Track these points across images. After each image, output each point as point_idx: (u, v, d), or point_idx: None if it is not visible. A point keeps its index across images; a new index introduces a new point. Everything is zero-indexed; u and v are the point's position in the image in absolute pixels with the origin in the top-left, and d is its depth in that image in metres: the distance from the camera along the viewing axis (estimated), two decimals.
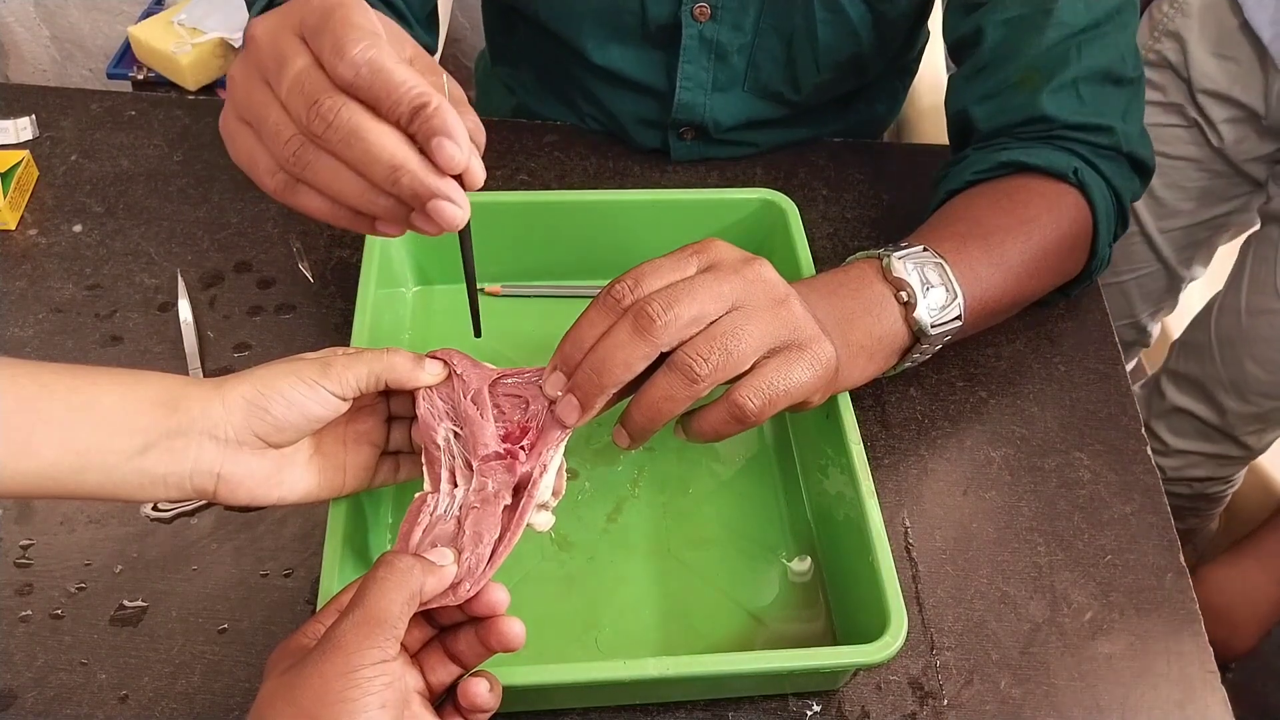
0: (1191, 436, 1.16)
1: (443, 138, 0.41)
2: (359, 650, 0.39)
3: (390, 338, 0.67)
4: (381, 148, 0.41)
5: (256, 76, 0.43)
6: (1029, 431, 0.69)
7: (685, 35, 0.76)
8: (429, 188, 0.42)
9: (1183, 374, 1.13)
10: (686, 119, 0.82)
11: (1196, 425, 1.14)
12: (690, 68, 0.78)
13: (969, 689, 0.57)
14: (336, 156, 0.42)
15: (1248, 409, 1.08)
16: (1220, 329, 1.07)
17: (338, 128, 0.41)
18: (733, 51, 0.77)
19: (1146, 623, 0.61)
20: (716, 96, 0.80)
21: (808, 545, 0.61)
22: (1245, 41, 0.98)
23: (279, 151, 0.43)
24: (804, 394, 0.51)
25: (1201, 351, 1.10)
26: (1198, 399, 1.12)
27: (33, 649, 0.55)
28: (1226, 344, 1.07)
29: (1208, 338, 1.09)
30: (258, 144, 0.44)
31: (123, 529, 0.60)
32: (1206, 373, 1.10)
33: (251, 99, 0.43)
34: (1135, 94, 0.70)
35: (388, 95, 0.41)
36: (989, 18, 0.69)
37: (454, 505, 0.49)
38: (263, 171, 0.45)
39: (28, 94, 0.85)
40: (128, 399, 0.44)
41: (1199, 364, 1.11)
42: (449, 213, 0.43)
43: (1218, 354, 1.08)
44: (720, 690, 0.56)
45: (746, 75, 0.79)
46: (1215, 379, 1.09)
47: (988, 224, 0.64)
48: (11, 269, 0.72)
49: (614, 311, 0.49)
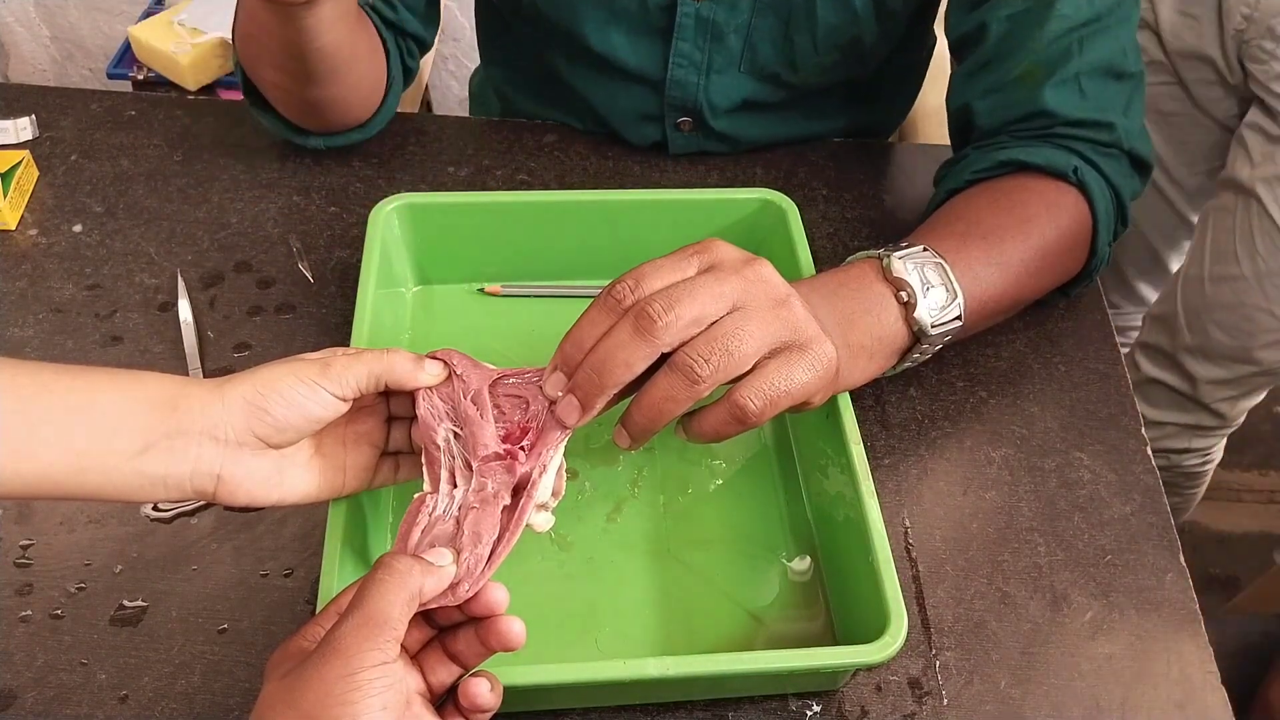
0: (1166, 407, 1.18)
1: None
2: (359, 653, 0.39)
3: (390, 338, 0.67)
4: None
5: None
6: (1029, 431, 0.69)
7: (680, 14, 0.76)
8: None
9: (1153, 345, 1.15)
10: (680, 101, 0.81)
11: (1170, 395, 1.16)
12: (685, 46, 0.78)
13: (969, 689, 0.57)
14: None
15: (1216, 374, 1.10)
16: (1186, 298, 1.09)
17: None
18: (729, 32, 0.77)
19: (1146, 623, 0.61)
20: (713, 79, 0.80)
21: (808, 545, 0.61)
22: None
23: None
24: (805, 394, 0.51)
25: (1169, 322, 1.12)
26: (1168, 369, 1.14)
27: (33, 649, 0.55)
28: (1192, 313, 1.08)
29: (1174, 308, 1.10)
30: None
31: (123, 529, 0.60)
32: (1175, 343, 1.12)
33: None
34: (1136, 89, 0.70)
35: None
36: (992, 13, 0.69)
37: (453, 505, 0.49)
38: None
39: (28, 94, 0.85)
40: (127, 399, 0.44)
41: (1168, 335, 1.12)
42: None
43: (1184, 323, 1.10)
44: (720, 690, 0.56)
45: (743, 55, 0.79)
46: (1184, 347, 1.11)
47: (987, 223, 0.64)
48: (11, 269, 0.72)
49: (615, 312, 0.49)
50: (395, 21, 0.78)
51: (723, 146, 0.85)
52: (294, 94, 0.74)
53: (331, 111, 0.76)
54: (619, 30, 0.79)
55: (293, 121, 0.77)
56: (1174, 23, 1.03)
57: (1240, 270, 1.02)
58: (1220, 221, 1.04)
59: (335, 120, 0.77)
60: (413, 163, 0.81)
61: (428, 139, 0.83)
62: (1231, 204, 1.03)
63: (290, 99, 0.75)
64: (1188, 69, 1.05)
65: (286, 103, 0.75)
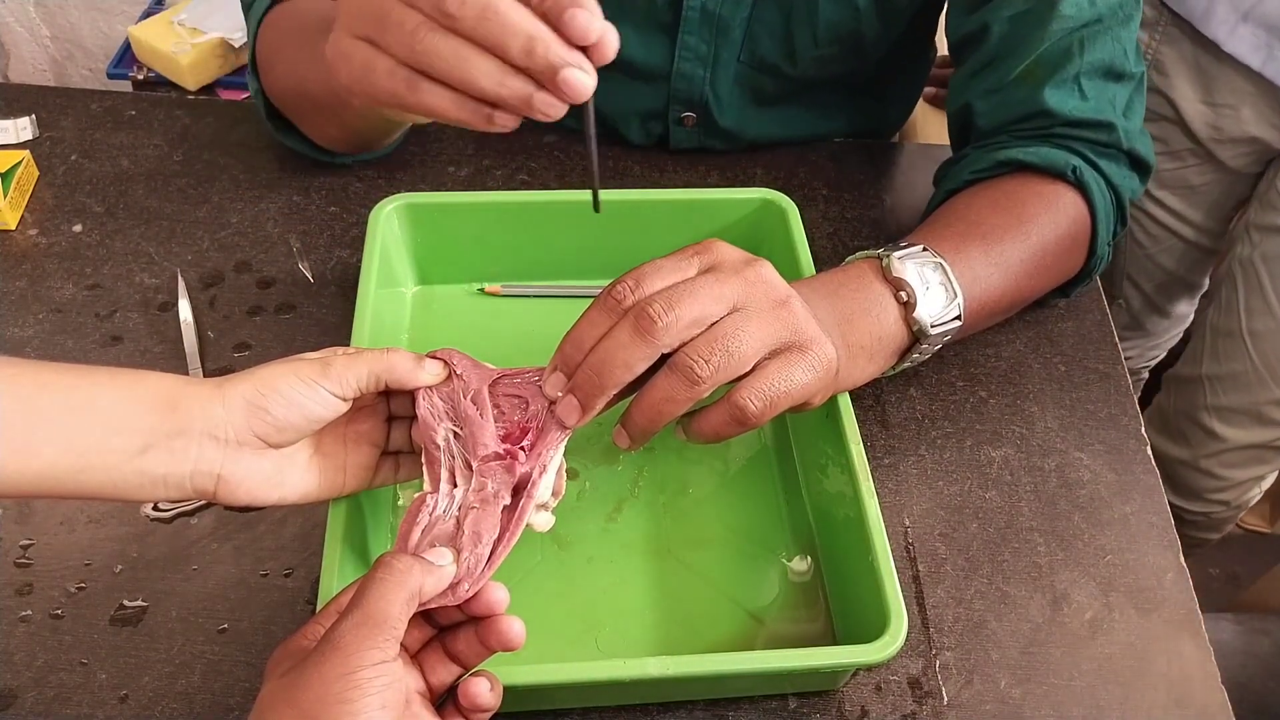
0: (1248, 466, 1.16)
1: (575, 9, 0.42)
2: (359, 651, 0.39)
3: (390, 338, 0.67)
4: (518, 20, 0.42)
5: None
6: (1029, 431, 0.69)
7: (687, 7, 0.76)
8: (563, 58, 0.42)
9: (1231, 409, 1.13)
10: (686, 95, 0.81)
11: (1254, 454, 1.14)
12: (690, 39, 0.78)
13: (969, 689, 0.57)
14: (468, 38, 0.43)
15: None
16: (1262, 354, 1.07)
17: (472, 3, 0.41)
18: (734, 25, 0.77)
19: (1146, 623, 0.61)
20: (718, 72, 0.80)
21: (808, 545, 0.61)
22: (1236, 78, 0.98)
23: (404, 42, 0.43)
24: (805, 395, 0.51)
25: (1247, 381, 1.09)
26: (1254, 427, 1.12)
27: (33, 649, 0.55)
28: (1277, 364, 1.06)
29: (1251, 367, 1.08)
30: (374, 51, 0.45)
31: (123, 529, 0.60)
32: (1258, 398, 1.09)
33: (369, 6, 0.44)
34: (1136, 90, 0.70)
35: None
36: (995, 14, 0.69)
37: (453, 505, 0.49)
38: (382, 74, 0.45)
39: (28, 94, 0.85)
40: (128, 399, 0.44)
41: (1248, 394, 1.10)
42: (579, 81, 0.43)
43: (1268, 377, 1.07)
44: (720, 690, 0.56)
45: (743, 46, 0.79)
46: (1270, 401, 1.09)
47: (987, 223, 0.64)
48: (11, 269, 0.72)
49: (615, 312, 0.49)
50: None
51: (725, 143, 0.84)
52: (340, 140, 0.74)
53: (370, 147, 0.77)
54: (624, 26, 0.78)
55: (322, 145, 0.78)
56: (1202, 114, 1.03)
57: None
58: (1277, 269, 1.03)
59: (370, 148, 0.78)
60: (413, 163, 0.81)
61: (428, 139, 0.83)
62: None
63: (333, 141, 0.75)
64: (1224, 150, 1.04)
65: (325, 139, 0.75)
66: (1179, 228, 1.14)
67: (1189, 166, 1.08)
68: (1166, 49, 1.02)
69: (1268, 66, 0.95)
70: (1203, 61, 1.00)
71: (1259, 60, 0.95)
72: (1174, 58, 1.02)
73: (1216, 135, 1.03)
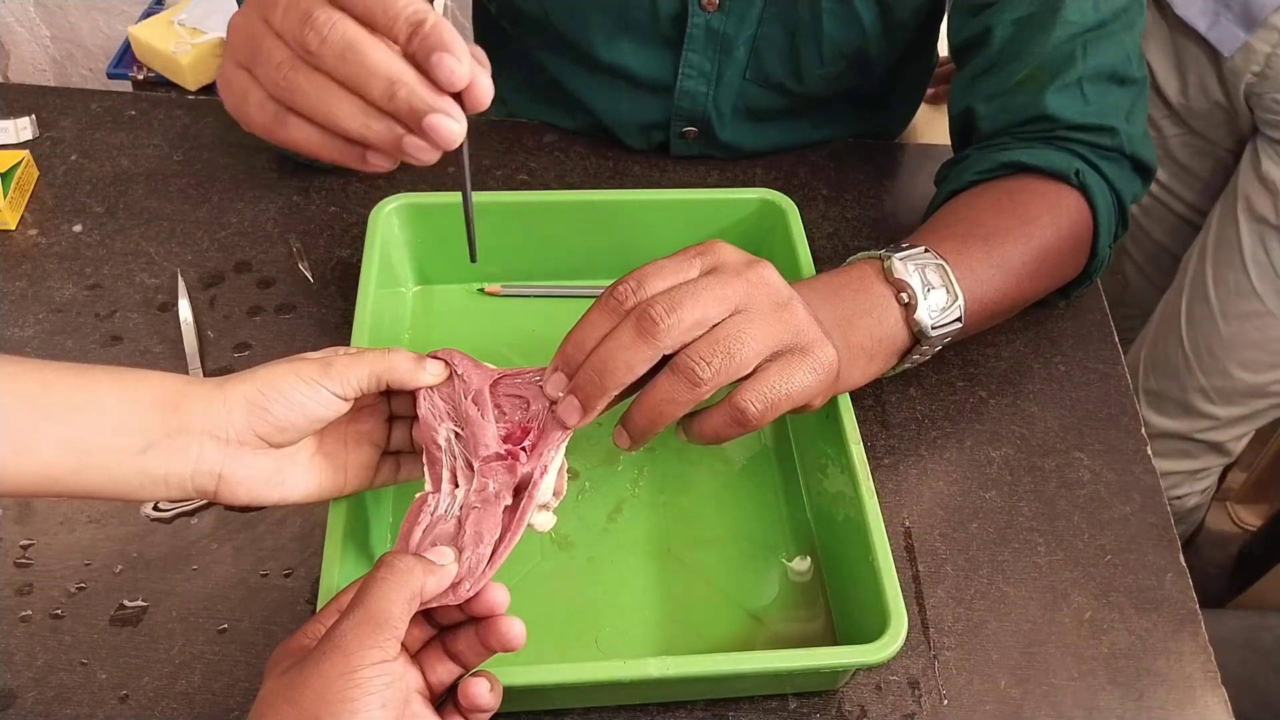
0: (1173, 457, 1.16)
1: (442, 53, 0.40)
2: (359, 650, 0.39)
3: (390, 338, 0.67)
4: (378, 61, 0.40)
5: (255, 15, 0.42)
6: (1029, 431, 0.69)
7: (691, 24, 0.76)
8: (426, 103, 0.41)
9: (1158, 393, 1.13)
10: (689, 112, 0.81)
11: (1178, 445, 1.14)
12: (695, 56, 0.78)
13: (969, 689, 0.57)
14: (330, 76, 0.41)
15: (1233, 412, 1.08)
16: (1194, 340, 1.07)
17: (332, 43, 0.40)
18: (738, 44, 0.77)
19: (1146, 623, 0.61)
20: (722, 89, 0.80)
21: (808, 545, 0.61)
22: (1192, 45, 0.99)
23: (270, 76, 0.42)
24: (805, 398, 0.51)
25: (1174, 365, 1.09)
26: (1179, 415, 1.12)
27: (33, 649, 0.55)
28: (1207, 353, 1.06)
29: (1179, 350, 1.08)
30: (250, 82, 0.43)
31: (123, 529, 0.60)
32: (1186, 385, 1.09)
33: (248, 36, 0.43)
34: (1139, 94, 0.70)
35: (384, 11, 0.40)
36: (998, 17, 0.69)
37: (454, 505, 0.49)
38: (253, 108, 0.43)
39: (28, 94, 0.85)
40: (129, 398, 0.44)
41: (1174, 379, 1.10)
42: (446, 128, 0.41)
43: (1196, 365, 1.07)
44: (720, 690, 0.56)
45: (749, 64, 0.79)
46: (1196, 389, 1.09)
47: (989, 225, 0.64)
48: (11, 269, 0.72)
49: (616, 313, 0.49)
50: None
51: (725, 154, 0.85)
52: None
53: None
54: (628, 40, 0.79)
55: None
56: (1173, 81, 1.04)
57: (1265, 306, 1.01)
58: (1225, 258, 1.03)
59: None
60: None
61: None
62: (1235, 239, 1.01)
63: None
64: (1197, 121, 1.05)
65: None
66: (1169, 201, 1.14)
67: (1170, 137, 1.08)
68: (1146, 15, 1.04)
69: (1213, 32, 0.96)
70: (1169, 26, 1.02)
71: (1205, 24, 0.96)
72: (1149, 20, 1.02)
73: (1185, 103, 1.04)
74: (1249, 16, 0.93)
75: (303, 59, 0.41)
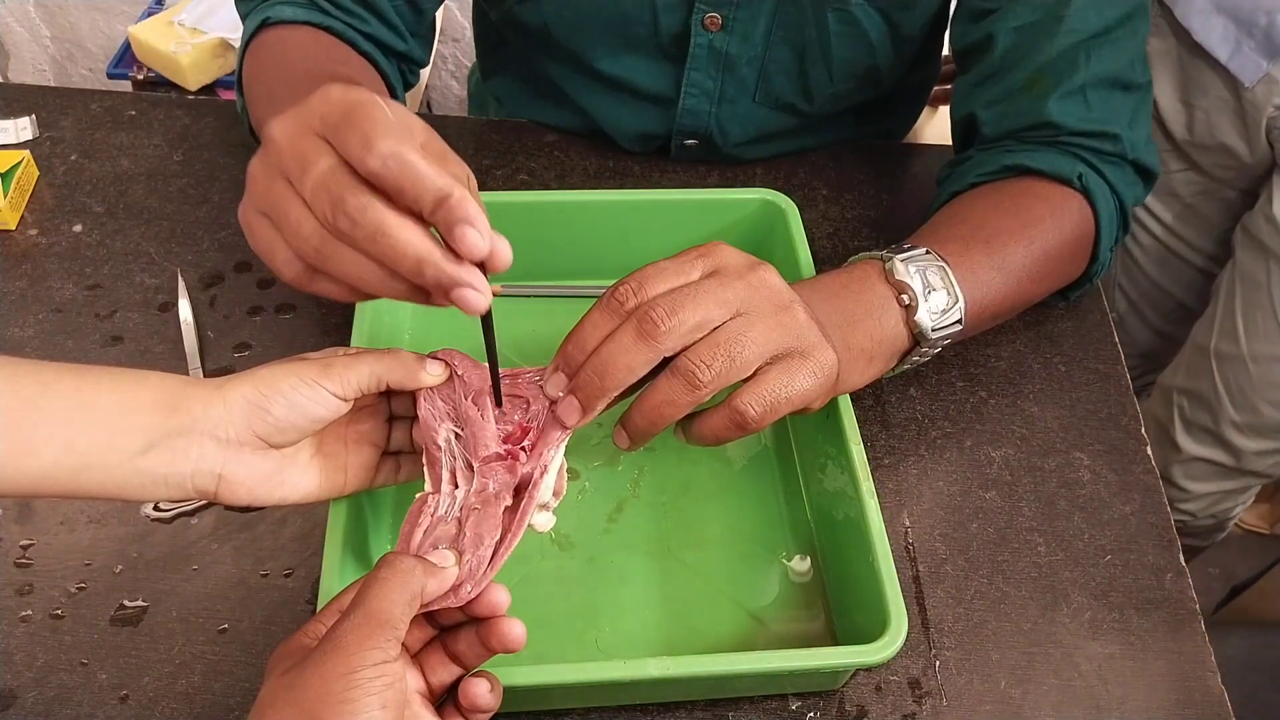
0: (1210, 479, 1.15)
1: (466, 225, 0.42)
2: (360, 651, 0.39)
3: (390, 338, 0.67)
4: (406, 243, 0.42)
5: (277, 175, 0.44)
6: (1029, 431, 0.69)
7: (694, 44, 0.76)
8: (453, 278, 0.43)
9: (1195, 424, 1.12)
10: (690, 128, 0.81)
11: (1215, 469, 1.14)
12: (697, 75, 0.78)
13: (969, 689, 0.57)
14: (360, 251, 0.43)
15: (1266, 445, 1.08)
16: (1226, 377, 1.06)
17: (364, 225, 0.42)
18: (742, 64, 0.77)
19: (1146, 623, 0.61)
20: (724, 108, 0.80)
21: (808, 545, 0.61)
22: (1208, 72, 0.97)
23: (301, 246, 0.44)
24: (805, 401, 0.51)
25: (1208, 399, 1.09)
26: (1213, 445, 1.12)
27: (33, 649, 0.55)
28: (1238, 392, 1.06)
29: (1213, 386, 1.07)
30: (276, 236, 0.45)
31: (123, 529, 0.60)
32: (1219, 419, 1.09)
33: (271, 195, 0.44)
34: (1142, 100, 0.70)
35: (413, 187, 0.41)
36: (1000, 24, 0.69)
37: (455, 506, 0.49)
38: (281, 262, 0.45)
39: (28, 94, 0.85)
40: (129, 399, 0.44)
41: (1209, 413, 1.09)
42: (473, 300, 0.44)
43: (1228, 402, 1.07)
44: (720, 690, 0.56)
45: (758, 87, 0.79)
46: (1229, 423, 1.08)
47: (990, 227, 0.64)
48: (11, 269, 0.72)
49: (617, 314, 0.49)
50: (405, 52, 0.75)
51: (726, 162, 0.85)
52: None
53: None
54: (631, 55, 0.79)
55: None
56: (1178, 112, 1.01)
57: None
58: (1254, 298, 1.01)
59: None
60: None
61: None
62: (1264, 278, 1.00)
63: None
64: (1202, 156, 1.03)
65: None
66: (1168, 240, 1.12)
67: (1173, 173, 1.06)
68: (1153, 40, 1.01)
69: (1234, 60, 0.93)
70: (1180, 54, 0.99)
71: (1226, 53, 0.94)
72: (1158, 49, 1.01)
73: (1190, 139, 1.02)
74: (1272, 45, 0.90)
75: (332, 234, 0.43)
